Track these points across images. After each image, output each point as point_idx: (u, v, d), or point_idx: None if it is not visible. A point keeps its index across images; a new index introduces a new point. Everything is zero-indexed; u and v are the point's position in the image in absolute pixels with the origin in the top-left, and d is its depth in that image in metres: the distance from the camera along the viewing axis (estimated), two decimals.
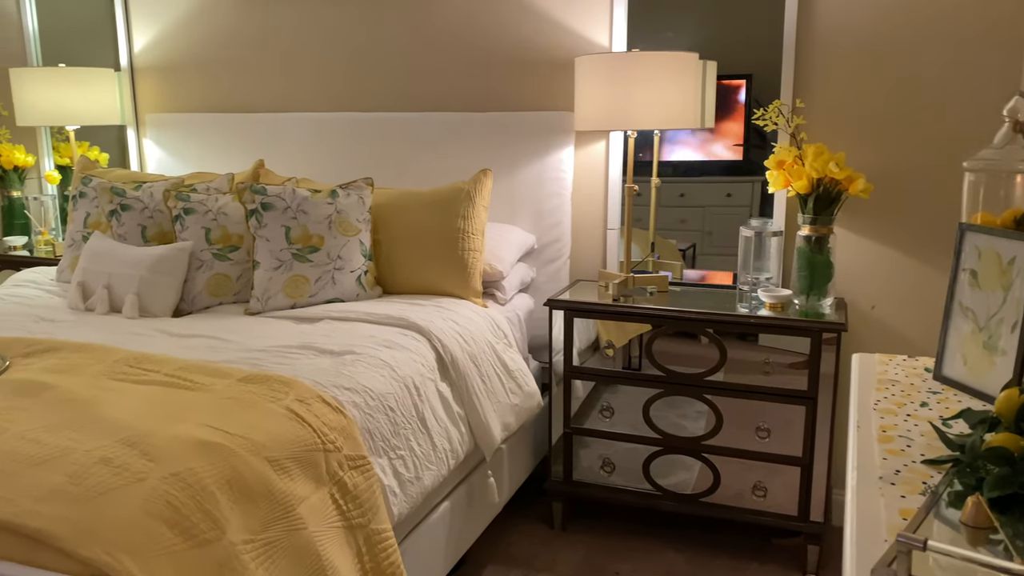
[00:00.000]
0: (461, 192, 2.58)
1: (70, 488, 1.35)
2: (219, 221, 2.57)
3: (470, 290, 2.55)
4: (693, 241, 2.95)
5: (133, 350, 2.01)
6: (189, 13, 3.37)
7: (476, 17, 2.96)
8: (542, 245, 2.90)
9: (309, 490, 1.62)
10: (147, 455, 1.45)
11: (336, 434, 1.73)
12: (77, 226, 2.88)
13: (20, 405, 1.65)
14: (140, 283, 2.46)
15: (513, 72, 2.94)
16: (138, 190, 2.70)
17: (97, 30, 3.57)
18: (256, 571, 1.41)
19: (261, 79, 3.31)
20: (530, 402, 2.53)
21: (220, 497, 1.43)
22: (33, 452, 1.45)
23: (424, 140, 3.00)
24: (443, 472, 2.09)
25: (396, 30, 3.07)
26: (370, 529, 1.72)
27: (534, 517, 2.80)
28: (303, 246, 2.48)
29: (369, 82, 3.15)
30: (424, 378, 2.12)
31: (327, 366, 1.98)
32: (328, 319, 2.36)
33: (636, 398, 2.59)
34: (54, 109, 3.28)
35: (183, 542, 1.33)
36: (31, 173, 3.71)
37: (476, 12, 2.96)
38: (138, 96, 3.55)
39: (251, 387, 1.79)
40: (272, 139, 3.23)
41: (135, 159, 3.59)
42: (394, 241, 2.61)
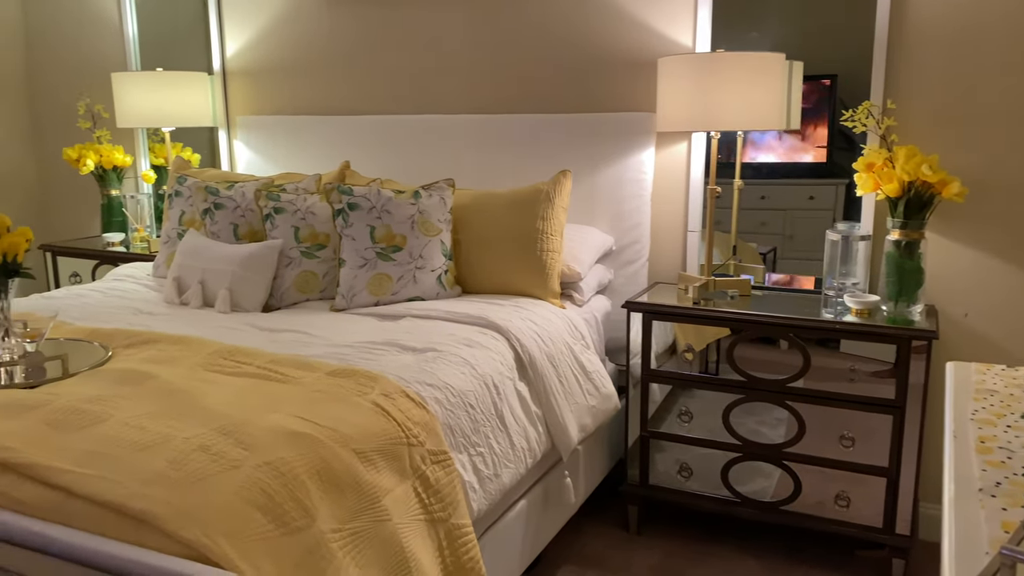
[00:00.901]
0: (540, 193, 2.60)
1: (171, 473, 1.41)
2: (307, 220, 2.65)
3: (548, 291, 2.57)
4: (774, 245, 2.90)
5: (227, 343, 2.10)
6: (278, 18, 3.48)
7: (559, 19, 2.97)
8: (620, 247, 2.90)
9: (393, 483, 1.66)
10: (242, 444, 1.51)
11: (419, 429, 1.77)
12: (172, 224, 3.01)
13: (123, 393, 1.74)
14: (232, 279, 2.55)
15: (594, 73, 2.94)
16: (230, 189, 2.81)
17: (191, 35, 3.72)
18: (343, 560, 1.45)
19: (346, 82, 3.40)
20: (607, 404, 2.52)
21: (310, 486, 1.48)
22: (137, 438, 1.52)
23: (504, 142, 3.03)
24: (521, 471, 2.11)
25: (480, 33, 3.11)
26: (451, 524, 1.75)
27: (609, 520, 2.79)
28: (386, 245, 2.53)
29: (451, 85, 3.19)
30: (503, 377, 2.14)
31: (410, 362, 2.02)
32: (410, 317, 2.41)
33: (713, 403, 2.56)
34: (152, 111, 3.43)
35: (275, 528, 1.38)
36: (128, 173, 3.89)
37: (560, 15, 2.97)
38: (229, 99, 3.68)
39: (339, 381, 1.84)
40: (356, 141, 3.30)
41: (225, 159, 3.73)
42: (474, 241, 2.65)
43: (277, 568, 1.33)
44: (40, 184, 4.24)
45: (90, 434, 1.53)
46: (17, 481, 1.43)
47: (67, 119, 4.04)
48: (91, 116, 3.84)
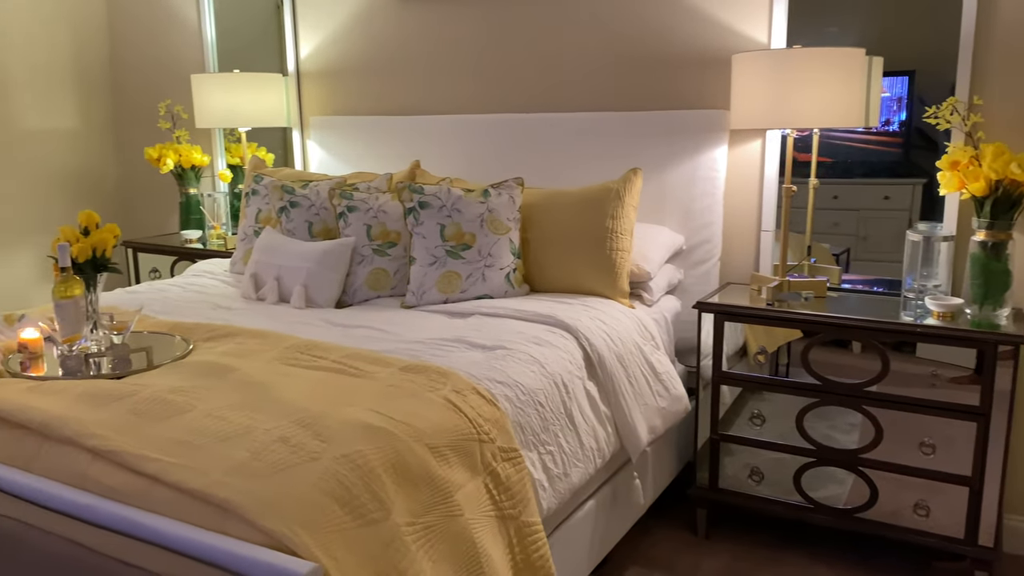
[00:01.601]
0: (610, 192, 2.58)
1: (252, 463, 1.45)
2: (379, 219, 2.69)
3: (617, 290, 2.55)
4: (847, 246, 2.83)
5: (303, 338, 2.14)
6: (350, 20, 3.54)
7: (632, 17, 2.95)
8: (691, 246, 2.86)
9: (465, 478, 1.67)
10: (320, 436, 1.54)
11: (490, 425, 1.78)
12: (249, 221, 3.08)
13: (206, 385, 1.79)
14: (307, 275, 2.61)
15: (666, 70, 2.91)
16: (305, 188, 2.87)
17: (264, 37, 3.81)
18: (417, 553, 1.47)
19: (415, 82, 3.43)
20: (677, 406, 2.50)
21: (385, 479, 1.50)
22: (219, 428, 1.57)
23: (574, 140, 3.02)
24: (590, 470, 2.10)
25: (551, 31, 3.11)
26: (521, 521, 1.75)
27: (677, 523, 2.76)
28: (456, 243, 2.55)
29: (521, 83, 3.20)
30: (572, 376, 2.14)
31: (479, 359, 2.04)
32: (478, 314, 2.42)
33: (783, 406, 2.51)
34: (229, 112, 3.53)
35: (352, 520, 1.40)
36: (205, 172, 4.00)
37: (632, 12, 2.95)
38: (303, 99, 3.76)
39: (411, 376, 1.87)
40: (426, 140, 3.34)
41: (299, 159, 3.80)
42: (542, 240, 2.65)
43: (354, 559, 1.35)
44: (122, 182, 4.40)
45: (175, 424, 1.58)
46: (107, 468, 1.49)
47: (148, 119, 4.18)
48: (171, 117, 3.97)
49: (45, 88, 4.00)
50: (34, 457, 1.57)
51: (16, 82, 3.88)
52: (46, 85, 4.00)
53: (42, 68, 3.98)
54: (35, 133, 3.98)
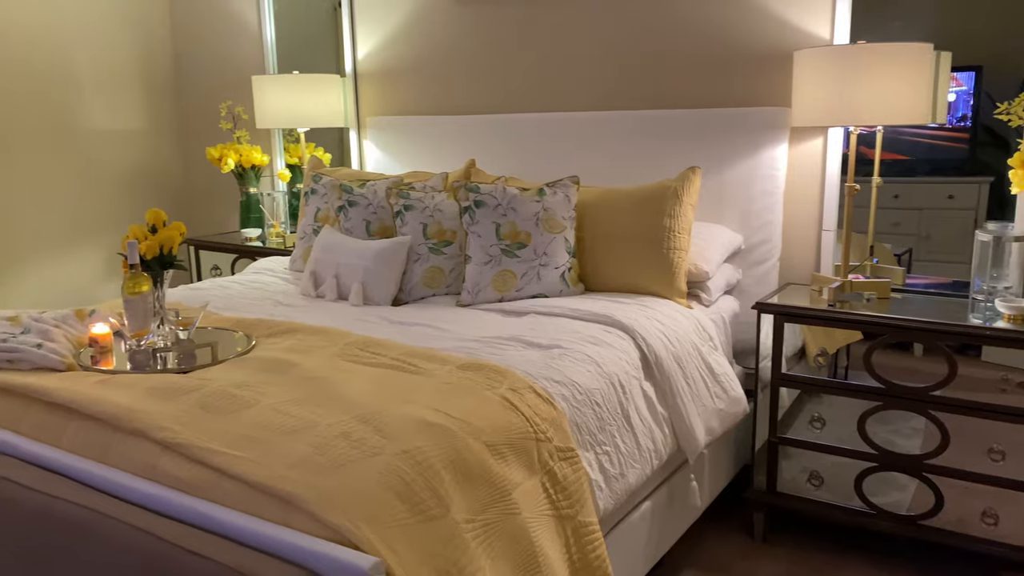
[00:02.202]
0: (668, 190, 2.56)
1: (316, 458, 1.47)
2: (435, 217, 2.71)
3: (674, 290, 2.53)
4: (909, 246, 2.76)
5: (361, 335, 2.17)
6: (407, 21, 3.57)
7: (688, 13, 2.92)
8: (750, 246, 2.82)
9: (522, 477, 1.67)
10: (380, 432, 1.56)
11: (547, 424, 1.78)
12: (308, 220, 3.14)
13: (269, 380, 1.82)
14: (365, 273, 2.64)
15: (724, 67, 2.88)
16: (363, 188, 2.90)
17: (321, 39, 3.87)
18: (476, 550, 1.47)
19: (471, 81, 3.45)
20: (735, 408, 2.46)
21: (445, 476, 1.51)
22: (283, 423, 1.60)
23: (630, 138, 3.00)
24: (647, 471, 2.09)
25: (606, 29, 3.09)
26: (578, 521, 1.75)
27: (733, 526, 2.72)
28: (511, 242, 2.56)
29: (576, 81, 3.19)
30: (629, 376, 2.12)
31: (536, 358, 2.04)
32: (534, 313, 2.43)
33: (842, 409, 2.45)
34: (288, 113, 3.59)
35: (412, 516, 1.41)
36: (265, 171, 4.08)
37: (689, 8, 2.92)
38: (360, 100, 3.81)
39: (468, 374, 1.88)
40: (481, 139, 3.35)
41: (355, 158, 3.85)
42: (598, 239, 2.63)
43: (414, 555, 1.36)
44: (185, 181, 4.51)
45: (240, 418, 1.62)
46: (176, 460, 1.53)
47: (210, 120, 4.28)
48: (232, 117, 4.06)
49: (113, 90, 4.12)
50: (106, 448, 1.62)
51: (86, 85, 4.00)
52: (114, 87, 4.12)
53: (110, 71, 4.10)
54: (104, 133, 4.11)
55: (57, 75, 3.89)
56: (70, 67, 3.94)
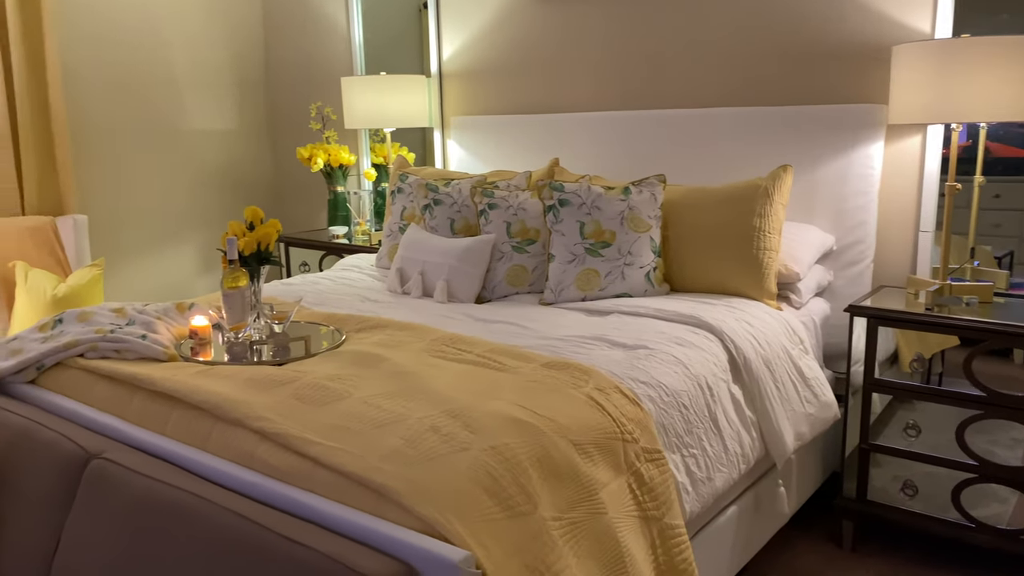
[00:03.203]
0: (758, 189, 2.51)
1: (406, 451, 1.50)
2: (519, 216, 2.72)
3: (764, 291, 2.48)
4: (1010, 248, 2.63)
5: (447, 331, 2.20)
6: (491, 21, 3.60)
7: (778, 7, 2.85)
8: (842, 247, 2.74)
9: (609, 477, 1.66)
10: (469, 427, 1.58)
11: (633, 425, 1.77)
12: (395, 218, 3.19)
13: (360, 374, 1.87)
14: (449, 271, 2.67)
15: (817, 63, 2.80)
16: (448, 187, 2.94)
17: (406, 39, 3.93)
18: (563, 548, 1.48)
19: (554, 80, 3.45)
20: (826, 413, 2.40)
21: (532, 473, 1.51)
22: (374, 415, 1.63)
23: (717, 136, 2.95)
24: (734, 475, 2.05)
25: (693, 25, 3.05)
26: (664, 523, 1.73)
27: (821, 534, 2.65)
28: (596, 241, 2.55)
29: (660, 79, 3.16)
30: (717, 378, 2.09)
31: (621, 358, 2.02)
32: (618, 313, 2.41)
33: (936, 417, 2.36)
34: (376, 113, 3.66)
35: (501, 511, 1.42)
36: (352, 170, 4.18)
37: (782, 1, 2.85)
38: (444, 99, 3.85)
39: (553, 373, 1.88)
40: (564, 138, 3.35)
41: (439, 158, 3.90)
42: (684, 238, 2.60)
43: (503, 550, 1.37)
44: (275, 180, 4.66)
45: (334, 410, 1.66)
46: (273, 449, 1.58)
47: (300, 120, 4.40)
48: (321, 118, 4.16)
49: (208, 92, 4.28)
50: (207, 436, 1.68)
51: (184, 86, 4.17)
52: (209, 89, 4.29)
53: (206, 73, 4.26)
54: (199, 133, 4.27)
55: (157, 77, 4.06)
56: (169, 69, 4.11)
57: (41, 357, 2.03)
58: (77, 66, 3.75)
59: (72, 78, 3.73)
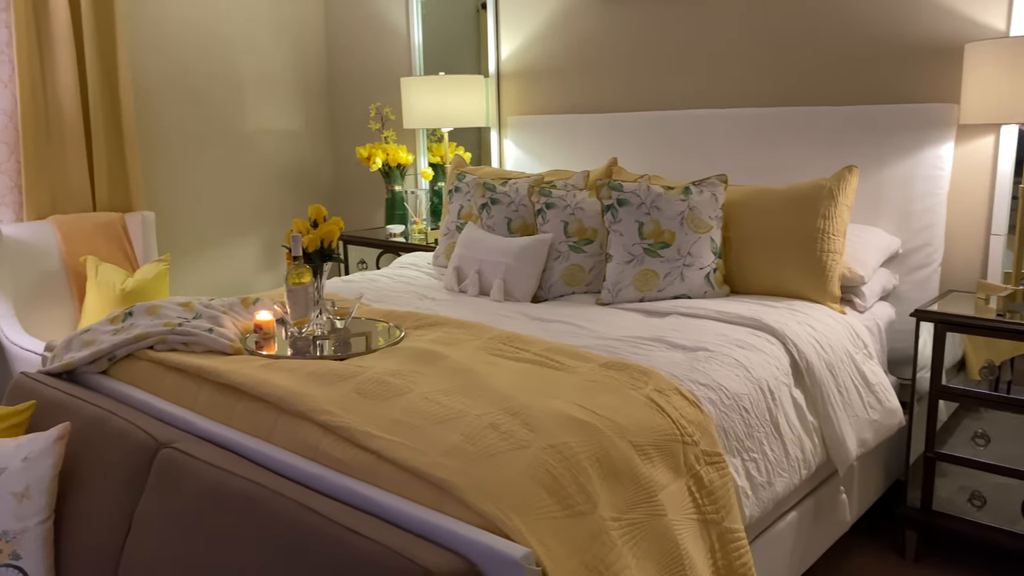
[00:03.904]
0: (823, 190, 2.46)
1: (466, 447, 1.51)
2: (576, 215, 2.72)
3: (827, 294, 2.43)
4: None
5: (504, 330, 2.20)
6: (550, 21, 3.60)
7: (843, 3, 2.79)
8: (908, 250, 2.67)
9: (668, 479, 1.65)
10: (528, 425, 1.58)
11: (693, 428, 1.75)
12: (452, 217, 3.22)
13: (419, 370, 1.88)
14: (506, 270, 2.68)
15: (883, 61, 2.73)
16: (505, 186, 2.95)
17: (464, 39, 3.96)
18: (622, 548, 1.47)
19: (612, 80, 3.44)
20: (890, 420, 2.34)
21: (592, 473, 1.51)
22: (434, 411, 1.65)
23: (780, 136, 2.91)
24: (794, 481, 2.02)
25: (755, 24, 3.01)
26: (723, 527, 1.71)
27: (883, 543, 2.59)
28: (655, 241, 2.53)
29: (721, 78, 3.12)
30: (778, 382, 2.06)
31: (680, 360, 2.01)
32: (676, 314, 2.39)
33: (1005, 426, 2.28)
34: (434, 113, 3.69)
35: (560, 510, 1.42)
36: (409, 170, 4.22)
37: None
38: (502, 99, 3.87)
39: (612, 373, 1.87)
40: (622, 137, 3.33)
41: (495, 157, 3.92)
42: (745, 239, 2.57)
43: (563, 548, 1.37)
44: (335, 179, 4.73)
45: (395, 405, 1.68)
46: (336, 442, 1.60)
47: (359, 121, 4.46)
48: (380, 118, 4.21)
49: (271, 93, 4.37)
50: (272, 429, 1.72)
51: (248, 87, 4.26)
52: (272, 90, 4.37)
53: (269, 75, 4.35)
54: (262, 133, 4.36)
55: (222, 79, 4.16)
56: (234, 72, 4.20)
57: (113, 349, 2.09)
58: (146, 70, 3.87)
59: (142, 81, 3.84)
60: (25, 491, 1.67)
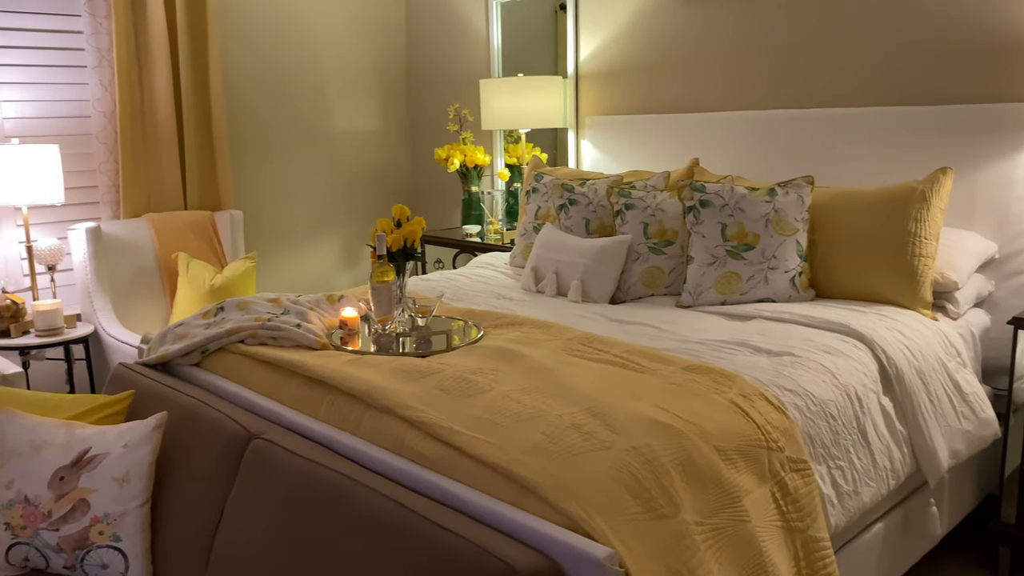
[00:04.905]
0: (914, 192, 2.38)
1: (548, 446, 1.52)
2: (656, 216, 2.69)
3: (918, 300, 2.35)
4: None
5: (582, 330, 2.20)
6: (630, 22, 3.58)
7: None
8: (1005, 255, 2.56)
9: (752, 485, 1.63)
10: (609, 427, 1.58)
11: (779, 434, 1.72)
12: (529, 218, 3.23)
13: (500, 368, 1.90)
14: (584, 271, 2.68)
15: (974, 59, 2.63)
16: (583, 187, 2.94)
17: (542, 40, 3.96)
18: (705, 553, 1.46)
19: (692, 80, 3.39)
20: (984, 431, 2.25)
21: (675, 476, 1.50)
22: (516, 410, 1.66)
23: (867, 137, 2.82)
24: (882, 491, 1.96)
25: (841, 21, 2.93)
26: (808, 535, 1.68)
27: (973, 560, 2.49)
28: (738, 243, 2.49)
29: (805, 78, 3.05)
30: (867, 389, 2.00)
31: (765, 365, 1.97)
32: (760, 318, 2.35)
33: None
34: (512, 114, 3.71)
35: (644, 512, 1.42)
36: (485, 171, 4.25)
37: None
38: (580, 100, 3.86)
39: (694, 376, 1.85)
40: (702, 138, 3.29)
41: (572, 158, 3.92)
42: (832, 242, 2.50)
43: (646, 550, 1.37)
44: (413, 179, 4.80)
45: (477, 402, 1.70)
46: (420, 437, 1.63)
47: (438, 122, 4.52)
48: (458, 119, 4.26)
49: (353, 95, 4.47)
50: (358, 422, 1.76)
51: (331, 89, 4.37)
52: (354, 92, 4.47)
53: (351, 77, 4.45)
54: (344, 134, 4.46)
55: (307, 82, 4.27)
56: (318, 75, 4.31)
57: (206, 342, 2.17)
58: (235, 74, 4.00)
59: (231, 83, 3.98)
60: (125, 476, 1.75)
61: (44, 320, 3.12)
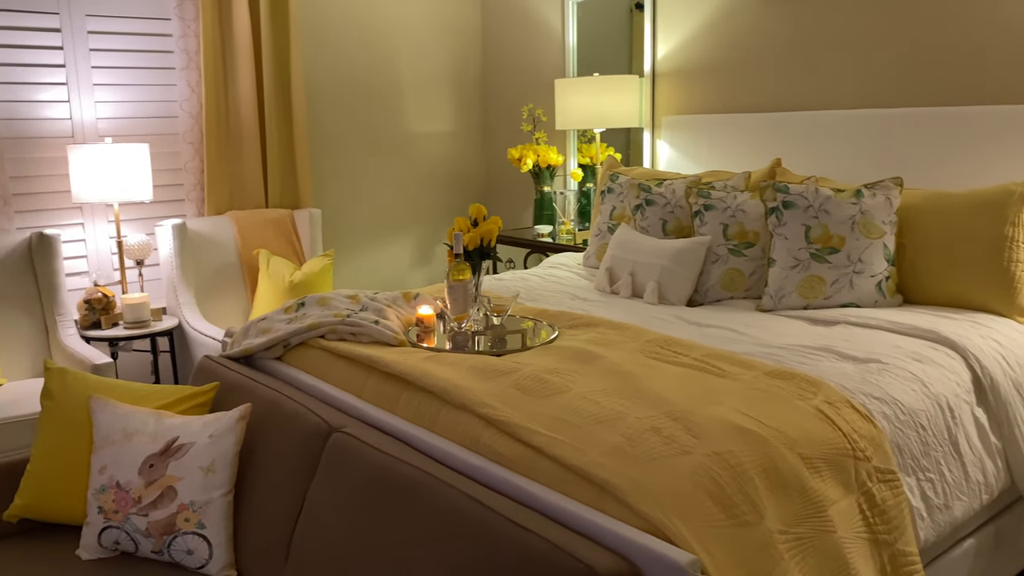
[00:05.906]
0: (1013, 194, 2.28)
1: (627, 448, 1.50)
2: (736, 218, 2.64)
3: (1015, 307, 2.24)
4: None
5: (660, 333, 2.17)
6: (708, 21, 3.52)
7: None
8: None
9: (838, 494, 1.58)
10: (690, 431, 1.55)
11: (866, 443, 1.66)
12: (604, 218, 3.21)
13: (576, 369, 1.89)
14: (661, 272, 2.64)
15: None
16: (660, 187, 2.91)
17: (616, 39, 3.93)
18: (789, 563, 1.42)
19: (772, 79, 3.32)
20: None
21: (758, 483, 1.46)
22: (593, 411, 1.64)
23: (958, 137, 2.71)
24: (974, 506, 1.88)
25: (927, 18, 2.82)
26: (896, 548, 1.62)
27: None
28: (822, 246, 2.42)
29: (894, 75, 2.94)
30: (959, 399, 1.92)
31: (851, 372, 1.91)
32: (845, 323, 2.28)
33: None
34: (587, 114, 3.69)
35: (726, 519, 1.39)
36: (558, 171, 4.24)
37: None
38: (656, 100, 3.82)
39: (777, 382, 1.81)
40: (783, 137, 3.21)
41: (647, 158, 3.87)
42: (922, 246, 2.41)
43: (728, 558, 1.34)
44: (486, 179, 4.82)
45: (554, 402, 1.69)
46: (497, 436, 1.63)
47: (511, 122, 4.53)
48: (532, 119, 4.26)
49: (429, 96, 4.51)
50: (435, 419, 1.77)
51: (407, 89, 4.42)
52: (429, 93, 4.51)
53: (427, 78, 4.49)
54: (420, 135, 4.51)
55: (384, 84, 4.33)
56: (395, 76, 4.37)
57: (288, 336, 2.22)
58: (316, 75, 4.08)
59: (311, 86, 4.07)
60: (211, 465, 1.80)
61: (132, 313, 3.24)
